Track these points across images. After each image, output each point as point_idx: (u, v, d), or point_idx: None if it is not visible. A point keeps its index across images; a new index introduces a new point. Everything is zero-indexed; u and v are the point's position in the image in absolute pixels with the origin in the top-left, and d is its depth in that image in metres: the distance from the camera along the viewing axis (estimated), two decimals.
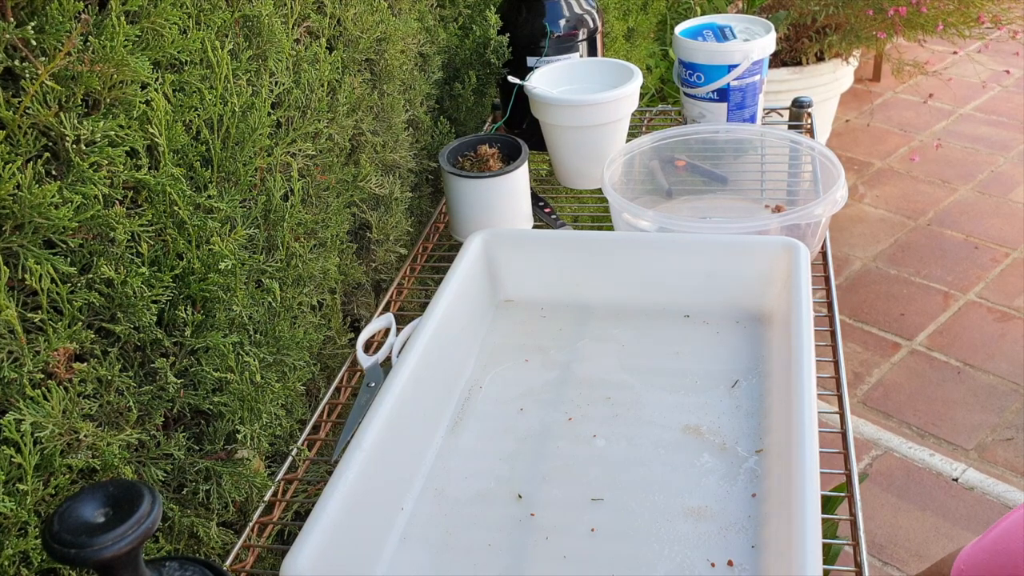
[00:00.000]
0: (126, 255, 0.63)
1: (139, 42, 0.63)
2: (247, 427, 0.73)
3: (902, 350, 2.12)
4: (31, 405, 0.56)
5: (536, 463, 0.74)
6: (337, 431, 0.86)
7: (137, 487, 0.44)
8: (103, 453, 0.61)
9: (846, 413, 0.79)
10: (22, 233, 0.56)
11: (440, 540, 0.68)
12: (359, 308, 1.04)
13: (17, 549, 0.55)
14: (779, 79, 2.61)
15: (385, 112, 1.02)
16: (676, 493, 0.70)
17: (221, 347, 0.70)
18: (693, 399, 0.79)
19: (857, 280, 2.37)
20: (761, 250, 0.86)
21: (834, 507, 1.13)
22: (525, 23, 1.18)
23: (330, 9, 0.90)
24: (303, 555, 0.58)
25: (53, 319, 0.58)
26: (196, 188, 0.71)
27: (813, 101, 1.32)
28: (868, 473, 1.81)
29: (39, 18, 0.56)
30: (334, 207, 0.91)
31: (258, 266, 0.78)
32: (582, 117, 1.09)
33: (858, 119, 3.14)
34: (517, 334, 0.89)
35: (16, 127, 0.56)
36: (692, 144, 1.13)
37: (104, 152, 0.60)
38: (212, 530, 0.72)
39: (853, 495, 0.72)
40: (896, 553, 1.66)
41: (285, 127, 0.83)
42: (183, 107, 0.68)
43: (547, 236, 0.93)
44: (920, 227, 2.55)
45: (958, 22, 2.43)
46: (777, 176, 1.13)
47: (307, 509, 0.80)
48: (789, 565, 0.56)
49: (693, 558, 0.64)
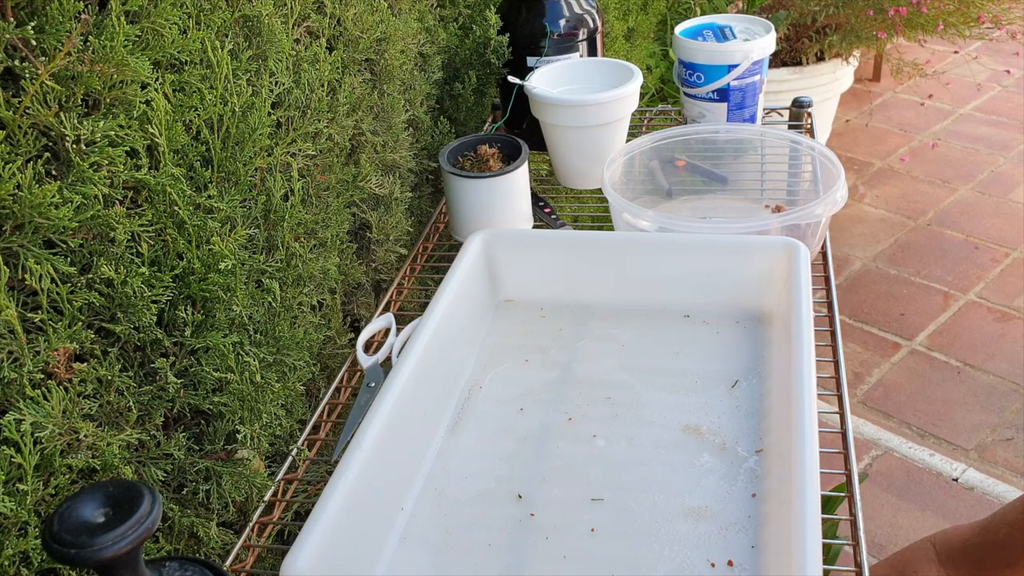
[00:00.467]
0: (126, 255, 0.63)
1: (139, 42, 0.63)
2: (247, 427, 0.73)
3: (902, 350, 2.12)
4: (31, 405, 0.56)
5: (536, 463, 0.74)
6: (337, 431, 0.86)
7: (137, 487, 0.44)
8: (103, 453, 0.61)
9: (846, 413, 0.79)
10: (22, 233, 0.56)
11: (440, 540, 0.68)
12: (359, 308, 1.04)
13: (17, 549, 0.55)
14: (779, 79, 2.61)
15: (385, 112, 1.02)
16: (676, 493, 0.70)
17: (221, 347, 0.70)
18: (693, 399, 0.79)
19: (857, 280, 2.37)
20: (761, 250, 0.86)
21: (834, 507, 1.13)
22: (525, 23, 1.18)
23: (330, 9, 0.90)
24: (303, 555, 0.58)
25: (53, 319, 0.58)
26: (196, 188, 0.71)
27: (813, 101, 1.32)
28: (868, 473, 1.81)
29: (39, 18, 0.56)
30: (334, 207, 0.91)
31: (258, 266, 0.78)
32: (582, 117, 1.09)
33: (858, 119, 3.14)
34: (517, 334, 0.89)
35: (16, 127, 0.56)
36: (692, 144, 1.13)
37: (104, 152, 0.60)
38: (212, 530, 0.72)
39: (853, 495, 0.72)
40: None
41: (285, 127, 0.83)
42: (183, 107, 0.68)
43: (547, 236, 0.93)
44: (920, 227, 2.55)
45: (958, 22, 2.43)
46: (777, 176, 1.13)
47: (307, 509, 0.80)
48: (789, 565, 0.56)
49: (693, 558, 0.64)
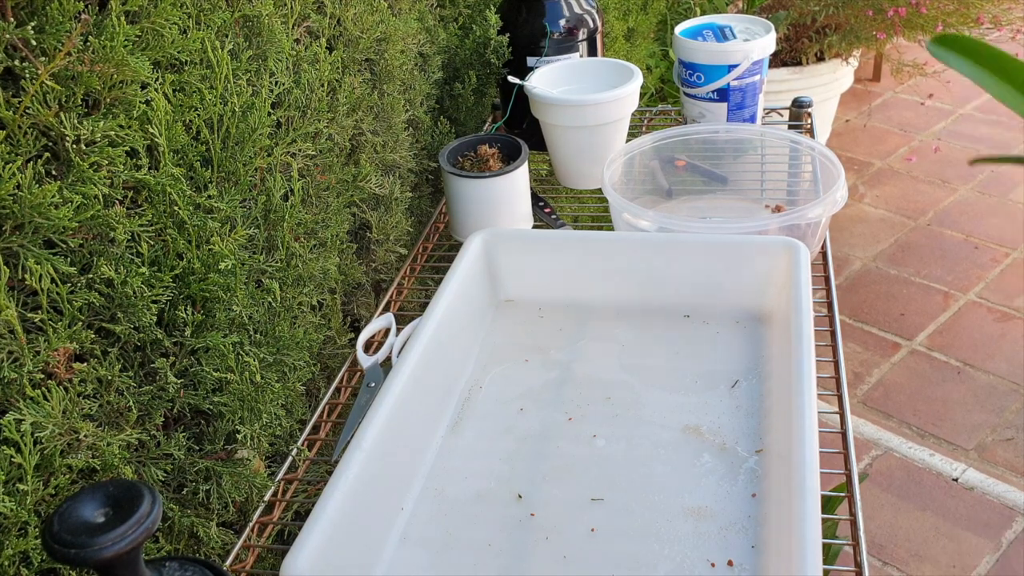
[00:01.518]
0: (126, 255, 0.63)
1: (139, 42, 0.63)
2: (247, 427, 0.73)
3: (902, 350, 2.12)
4: (31, 405, 0.56)
5: (536, 463, 0.74)
6: (337, 431, 0.86)
7: (137, 487, 0.44)
8: (103, 453, 0.61)
9: (846, 413, 0.79)
10: (22, 233, 0.56)
11: (440, 540, 0.68)
12: (359, 308, 1.04)
13: (17, 549, 0.55)
14: (779, 79, 2.61)
15: (385, 112, 1.02)
16: (676, 493, 0.70)
17: (221, 347, 0.70)
18: (693, 399, 0.79)
19: (857, 280, 2.37)
20: (761, 250, 0.86)
21: (834, 507, 1.13)
22: (525, 23, 1.18)
23: (330, 9, 0.90)
24: (303, 555, 0.58)
25: (53, 319, 0.58)
26: (196, 188, 0.71)
27: (813, 101, 1.32)
28: (868, 473, 1.81)
29: (39, 18, 0.56)
30: (334, 207, 0.91)
31: (258, 266, 0.78)
32: (582, 117, 1.09)
33: (858, 119, 3.14)
34: (517, 334, 0.89)
35: (16, 127, 0.56)
36: (692, 144, 1.13)
37: (104, 152, 0.60)
38: (212, 530, 0.72)
39: (853, 495, 0.72)
40: (896, 553, 1.66)
41: (285, 127, 0.83)
42: (183, 107, 0.68)
43: (547, 236, 0.93)
44: (920, 227, 2.55)
45: (958, 23, 2.43)
46: (777, 176, 1.13)
47: (307, 509, 0.80)
48: (789, 565, 0.56)
49: (693, 558, 0.64)
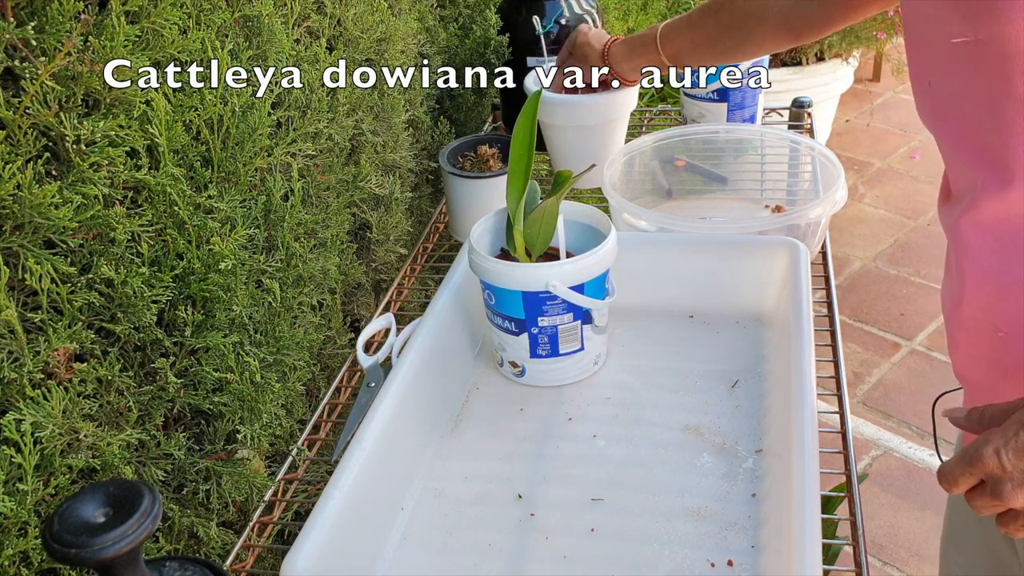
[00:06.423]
0: (126, 255, 0.63)
1: (139, 42, 0.63)
2: (247, 427, 0.73)
3: (902, 350, 2.12)
4: (31, 405, 0.56)
5: (536, 463, 0.74)
6: (337, 431, 0.86)
7: (137, 487, 0.44)
8: (103, 453, 0.61)
9: (846, 413, 0.79)
10: (22, 233, 0.56)
11: (440, 540, 0.68)
12: (359, 308, 1.04)
13: (17, 549, 0.55)
14: (779, 79, 2.61)
15: (385, 112, 1.02)
16: (676, 493, 0.69)
17: (221, 347, 0.70)
18: (693, 399, 0.79)
19: (857, 280, 2.37)
20: (761, 250, 0.86)
21: (834, 507, 1.13)
22: (525, 23, 1.18)
23: (330, 9, 0.90)
24: (303, 555, 0.58)
25: (53, 319, 0.58)
26: (196, 188, 0.71)
27: (813, 101, 1.32)
28: (868, 473, 1.81)
29: (39, 18, 0.56)
30: (334, 207, 0.91)
31: (258, 266, 0.78)
32: (581, 116, 1.09)
33: (858, 119, 3.14)
34: None
35: (16, 127, 0.56)
36: (692, 144, 1.13)
37: (104, 152, 0.60)
38: (212, 530, 0.72)
39: (853, 495, 0.72)
40: (896, 553, 1.66)
41: (285, 127, 0.83)
42: (183, 107, 0.68)
43: None
44: (920, 227, 2.55)
45: None
46: (777, 176, 1.13)
47: (307, 509, 0.80)
48: (789, 565, 0.56)
49: (693, 558, 0.64)
